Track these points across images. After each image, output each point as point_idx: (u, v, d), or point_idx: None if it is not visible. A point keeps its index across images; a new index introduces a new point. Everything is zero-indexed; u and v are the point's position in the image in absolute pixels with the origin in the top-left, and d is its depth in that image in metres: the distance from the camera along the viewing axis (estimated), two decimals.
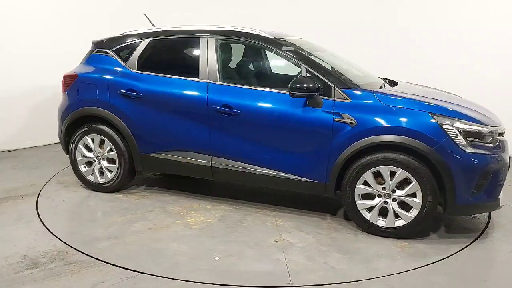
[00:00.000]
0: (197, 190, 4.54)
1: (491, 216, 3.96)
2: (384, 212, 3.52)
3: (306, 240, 3.50)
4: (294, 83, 3.52)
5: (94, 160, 4.46)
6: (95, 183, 4.49)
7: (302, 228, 3.71)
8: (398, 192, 3.44)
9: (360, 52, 5.88)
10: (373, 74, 4.39)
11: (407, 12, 6.25)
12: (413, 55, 6.14)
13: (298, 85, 3.51)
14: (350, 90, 3.56)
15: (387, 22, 6.34)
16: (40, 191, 4.52)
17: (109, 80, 4.29)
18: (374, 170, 3.44)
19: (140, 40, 4.33)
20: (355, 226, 3.69)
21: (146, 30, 4.41)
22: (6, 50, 5.93)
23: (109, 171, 4.42)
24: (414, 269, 3.07)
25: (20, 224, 3.74)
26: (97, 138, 4.39)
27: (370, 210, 3.54)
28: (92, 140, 4.42)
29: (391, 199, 3.47)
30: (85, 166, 4.51)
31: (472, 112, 3.54)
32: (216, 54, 4.00)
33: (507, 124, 3.77)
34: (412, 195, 3.41)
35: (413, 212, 3.43)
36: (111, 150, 4.35)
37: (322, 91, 3.58)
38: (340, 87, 3.57)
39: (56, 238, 3.46)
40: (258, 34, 3.97)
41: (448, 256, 3.26)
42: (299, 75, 3.82)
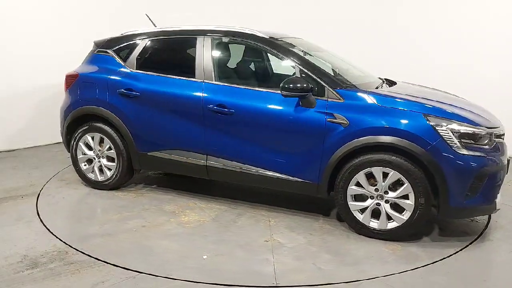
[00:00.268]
0: (195, 189, 4.55)
1: (490, 216, 3.94)
2: (377, 214, 3.46)
3: (297, 240, 3.48)
4: (286, 83, 3.50)
5: (94, 158, 4.50)
6: (94, 180, 4.53)
7: (295, 228, 3.69)
8: (391, 194, 3.39)
9: (360, 52, 5.89)
10: (372, 74, 4.38)
11: (407, 12, 6.25)
12: (413, 55, 6.14)
13: (290, 85, 3.49)
14: (343, 90, 3.53)
15: (387, 22, 6.34)
16: (40, 191, 4.52)
17: (108, 79, 4.33)
18: (366, 171, 3.40)
19: (139, 40, 4.36)
20: (348, 227, 3.65)
21: (145, 30, 4.44)
22: (6, 50, 5.93)
23: (108, 169, 4.46)
24: (414, 269, 3.06)
25: (20, 224, 3.74)
26: (97, 137, 4.45)
27: (362, 211, 3.49)
28: (92, 139, 4.47)
29: (383, 201, 3.42)
30: (85, 164, 4.56)
31: (468, 113, 3.46)
32: (212, 54, 4.01)
33: (507, 124, 3.74)
34: (404, 197, 3.35)
35: (405, 214, 3.36)
36: (110, 149, 4.40)
37: (315, 91, 3.56)
38: (333, 87, 3.54)
39: (56, 238, 3.46)
40: (253, 34, 3.96)
41: (448, 256, 3.24)
42: (294, 75, 3.80)
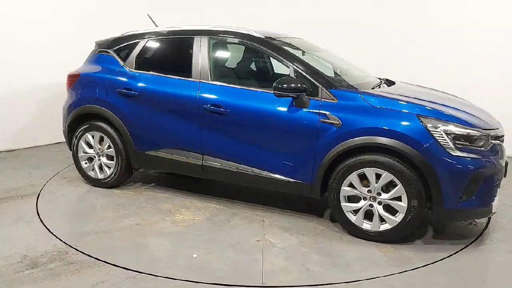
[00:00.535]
0: (192, 188, 4.55)
1: (490, 216, 3.93)
2: (370, 215, 3.44)
3: (289, 241, 3.47)
4: (279, 83, 3.49)
5: (95, 157, 4.55)
6: (94, 178, 4.58)
7: (288, 229, 3.68)
8: (384, 195, 3.35)
9: (360, 52, 5.89)
10: (371, 74, 4.37)
11: (407, 12, 6.25)
12: (413, 55, 6.14)
13: (284, 85, 3.47)
14: (337, 90, 3.51)
15: (387, 22, 6.33)
16: (40, 191, 4.52)
17: (108, 79, 4.36)
18: (359, 172, 3.37)
19: (138, 40, 4.39)
20: (342, 228, 3.64)
21: (144, 30, 4.45)
22: (6, 50, 5.94)
23: (107, 167, 4.50)
24: (414, 269, 3.05)
25: (20, 224, 3.74)
26: (97, 135, 4.49)
27: (355, 212, 3.47)
28: (93, 137, 4.52)
29: (376, 202, 3.39)
30: (86, 162, 4.61)
31: (463, 114, 3.39)
32: (208, 53, 4.01)
33: (507, 124, 3.73)
34: (397, 199, 3.31)
35: (398, 216, 3.32)
36: (109, 147, 4.44)
37: (309, 91, 3.54)
38: (327, 87, 3.52)
39: (56, 238, 3.46)
40: (249, 34, 3.95)
41: (448, 256, 3.24)
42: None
